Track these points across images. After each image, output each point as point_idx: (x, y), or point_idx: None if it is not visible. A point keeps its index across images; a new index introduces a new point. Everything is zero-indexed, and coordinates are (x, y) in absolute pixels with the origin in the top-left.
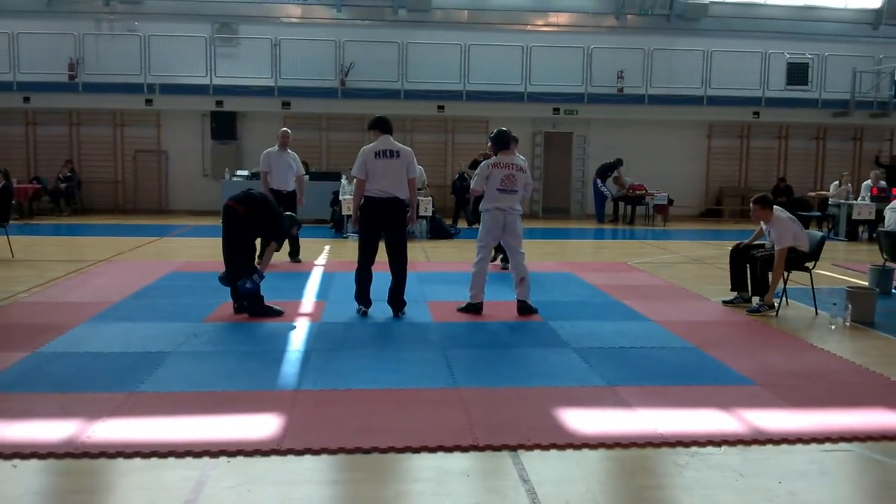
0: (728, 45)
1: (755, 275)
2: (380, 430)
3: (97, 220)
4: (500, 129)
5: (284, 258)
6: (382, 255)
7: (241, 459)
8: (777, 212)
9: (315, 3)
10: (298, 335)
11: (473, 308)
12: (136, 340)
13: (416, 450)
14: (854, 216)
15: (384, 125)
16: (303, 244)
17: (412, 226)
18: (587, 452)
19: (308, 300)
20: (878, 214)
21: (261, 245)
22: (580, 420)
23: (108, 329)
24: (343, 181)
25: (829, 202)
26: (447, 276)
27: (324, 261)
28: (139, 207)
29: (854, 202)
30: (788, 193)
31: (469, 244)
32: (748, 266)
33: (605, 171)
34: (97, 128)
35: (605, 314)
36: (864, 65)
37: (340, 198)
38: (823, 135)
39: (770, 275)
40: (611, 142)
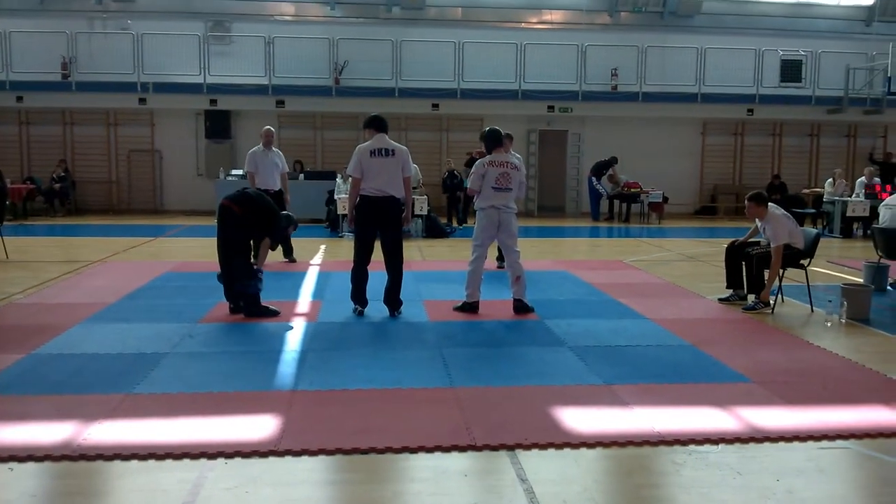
0: (722, 43)
1: (751, 272)
2: (377, 431)
3: (91, 221)
4: (492, 128)
5: (278, 258)
6: (378, 255)
7: (239, 461)
8: (772, 209)
9: (308, 1)
10: (295, 335)
11: (470, 307)
12: (132, 341)
13: (414, 450)
14: (848, 213)
15: (379, 124)
16: (298, 244)
17: (407, 225)
18: (584, 451)
19: (304, 300)
20: (873, 211)
21: (253, 244)
22: (577, 419)
23: (104, 330)
24: (338, 180)
25: (824, 199)
26: (443, 275)
27: (319, 260)
28: (133, 207)
29: (848, 199)
30: (783, 190)
31: (464, 243)
32: (744, 263)
33: (600, 169)
34: (91, 127)
35: (601, 312)
36: (858, 62)
37: (336, 197)
38: (817, 132)
39: (766, 272)
40: (605, 139)
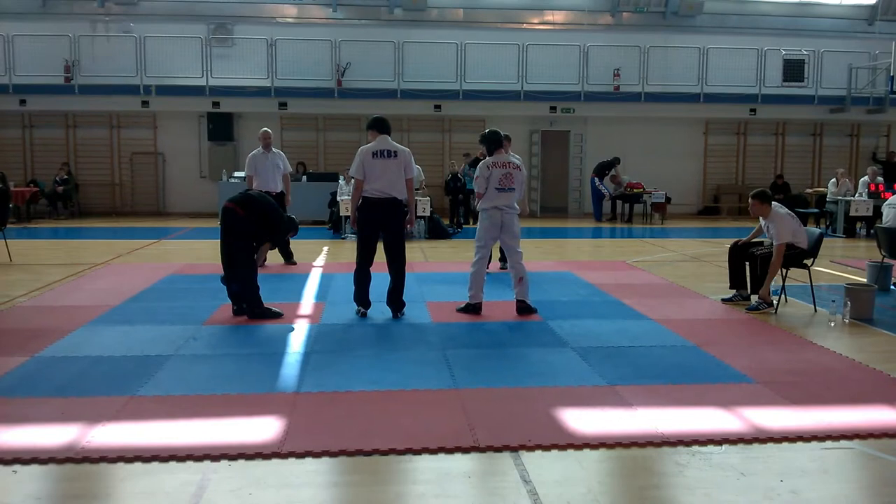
0: (724, 42)
1: (755, 272)
2: (380, 432)
3: (95, 223)
4: (492, 130)
5: (278, 261)
6: (381, 256)
7: (243, 463)
8: (775, 207)
9: (310, 3)
10: (298, 337)
11: (472, 308)
12: (136, 344)
13: (417, 451)
14: (852, 213)
15: (382, 126)
16: (301, 245)
17: (411, 227)
18: (588, 452)
19: (307, 302)
20: (876, 211)
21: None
22: (581, 420)
23: (108, 333)
24: (341, 182)
25: (827, 199)
26: (446, 277)
27: (322, 262)
28: (136, 210)
29: (851, 199)
30: (786, 190)
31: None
32: (747, 263)
33: (603, 170)
34: (93, 130)
35: (605, 313)
36: (860, 61)
37: (338, 198)
38: (820, 131)
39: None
40: (608, 140)
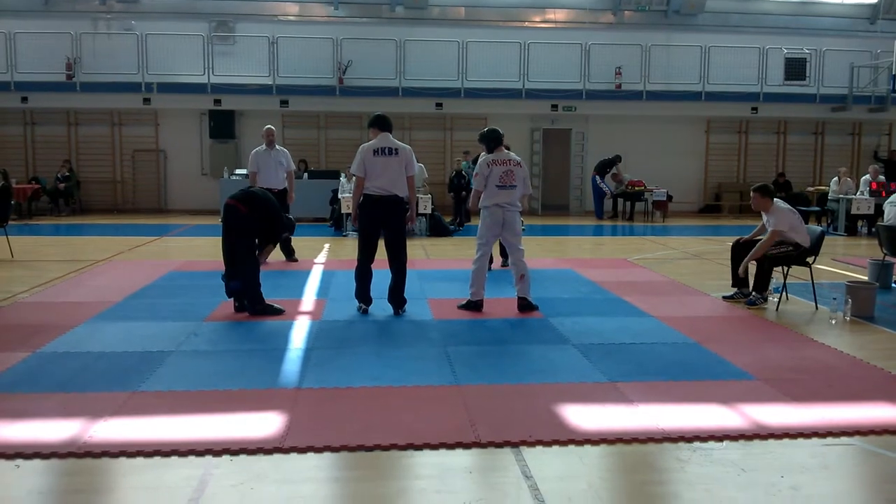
0: (726, 41)
1: (758, 270)
2: (382, 428)
3: (96, 220)
4: (491, 128)
5: (280, 257)
6: (382, 253)
7: (244, 458)
8: (777, 203)
9: (312, 1)
10: (299, 333)
11: (474, 305)
12: (137, 340)
13: (419, 447)
14: (853, 211)
15: (383, 123)
16: (302, 243)
17: (412, 224)
18: (589, 448)
19: (308, 298)
20: (877, 209)
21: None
22: (582, 416)
23: (109, 329)
24: (342, 179)
25: (829, 197)
26: (447, 274)
27: (323, 259)
28: (138, 207)
29: (853, 197)
30: (787, 189)
31: (468, 242)
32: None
33: (604, 168)
34: (95, 127)
35: (606, 310)
36: (862, 59)
37: (339, 196)
38: (822, 130)
39: (774, 270)
40: (609, 138)
